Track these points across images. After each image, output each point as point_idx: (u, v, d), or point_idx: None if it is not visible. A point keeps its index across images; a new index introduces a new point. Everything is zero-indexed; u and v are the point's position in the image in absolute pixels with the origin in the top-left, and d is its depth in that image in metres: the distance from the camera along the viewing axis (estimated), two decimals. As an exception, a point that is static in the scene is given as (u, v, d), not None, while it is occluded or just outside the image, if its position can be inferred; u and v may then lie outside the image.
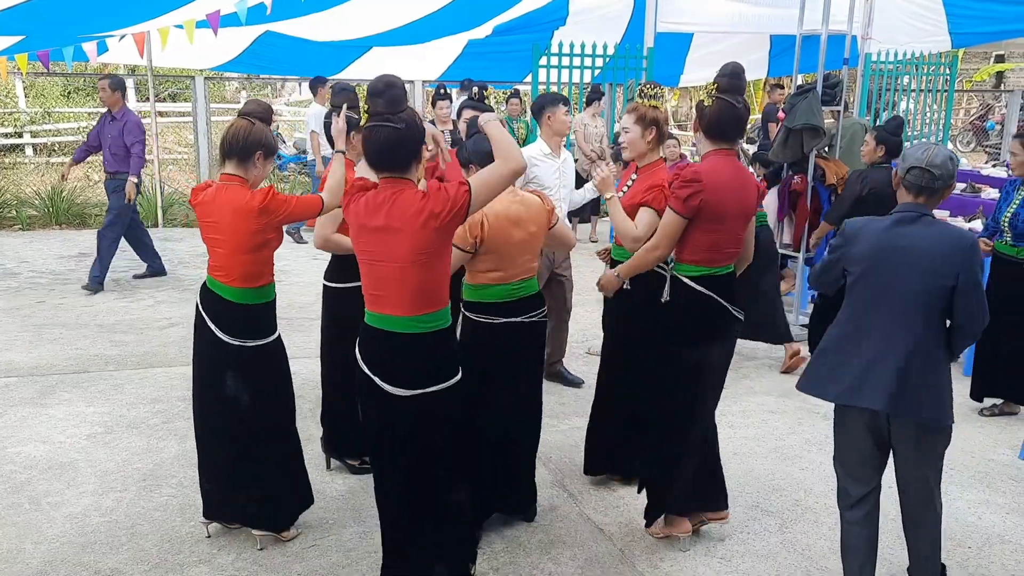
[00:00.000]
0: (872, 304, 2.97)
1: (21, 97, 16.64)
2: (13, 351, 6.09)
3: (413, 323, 2.79)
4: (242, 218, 3.26)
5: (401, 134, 2.73)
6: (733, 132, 3.40)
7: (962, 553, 3.70)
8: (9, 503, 3.94)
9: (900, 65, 10.92)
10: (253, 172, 3.39)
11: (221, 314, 3.40)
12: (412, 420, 2.85)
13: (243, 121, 3.38)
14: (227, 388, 3.43)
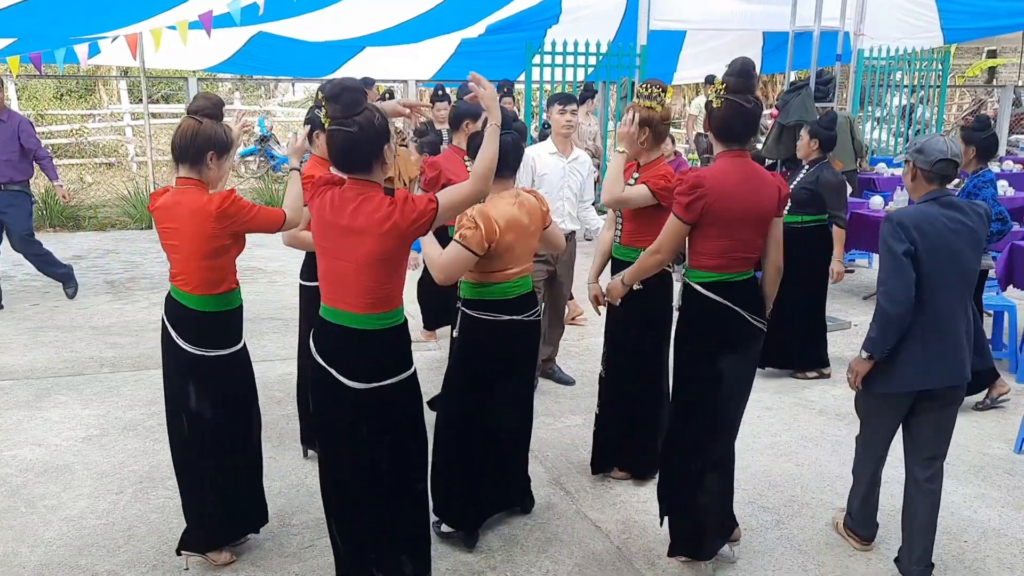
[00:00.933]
0: (938, 287, 3.17)
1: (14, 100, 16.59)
2: (8, 354, 6.08)
3: (367, 320, 2.82)
4: (199, 222, 3.13)
5: (355, 136, 2.74)
6: (744, 133, 3.25)
7: (958, 547, 3.71)
8: (5, 506, 3.94)
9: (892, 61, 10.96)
10: (208, 173, 3.23)
11: (183, 322, 3.27)
12: (369, 412, 2.87)
13: (190, 121, 3.21)
14: (190, 399, 3.31)
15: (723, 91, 3.22)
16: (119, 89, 17.99)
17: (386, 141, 2.82)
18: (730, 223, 3.20)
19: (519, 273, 3.52)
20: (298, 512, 3.91)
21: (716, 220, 3.19)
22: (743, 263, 3.30)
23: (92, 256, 9.42)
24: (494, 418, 3.58)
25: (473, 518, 3.66)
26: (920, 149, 3.23)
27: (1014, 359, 5.94)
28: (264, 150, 15.46)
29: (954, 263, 3.17)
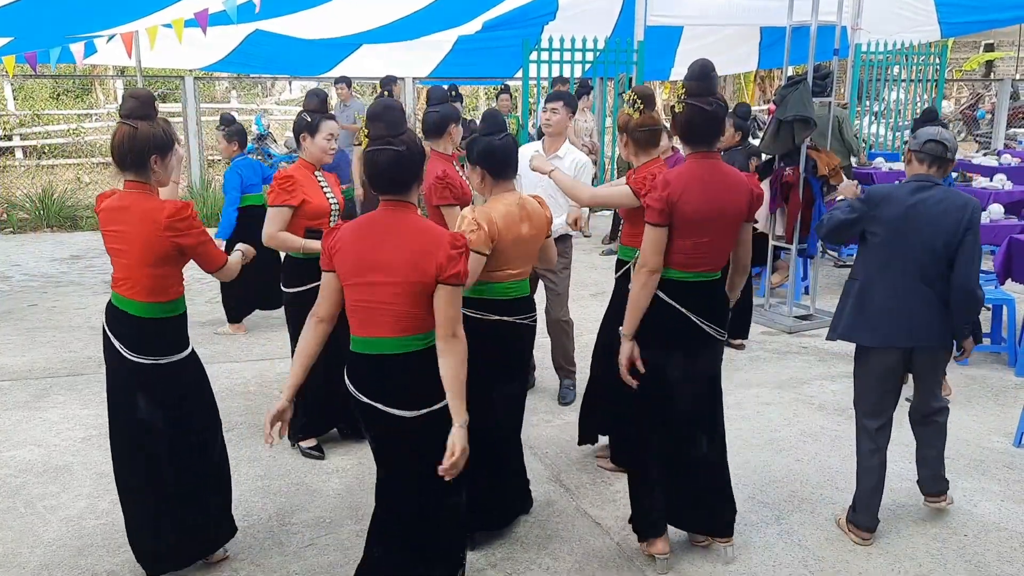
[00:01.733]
0: (892, 260, 3.53)
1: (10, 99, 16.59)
2: (6, 355, 6.07)
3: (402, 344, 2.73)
4: (147, 228, 3.02)
5: (403, 156, 2.69)
6: (708, 135, 3.26)
7: (958, 541, 3.71)
8: (4, 507, 3.93)
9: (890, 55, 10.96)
10: (155, 176, 3.10)
11: (126, 331, 3.14)
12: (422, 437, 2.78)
13: (124, 127, 3.05)
14: (139, 411, 3.17)
15: (683, 95, 3.26)
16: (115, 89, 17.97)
17: (424, 162, 2.80)
18: (694, 223, 3.20)
19: (516, 276, 3.50)
20: (298, 511, 3.91)
21: (682, 220, 3.20)
22: (708, 264, 3.30)
23: (90, 256, 9.41)
24: (488, 419, 3.56)
25: (473, 522, 3.63)
26: (916, 134, 3.61)
27: (1013, 353, 5.94)
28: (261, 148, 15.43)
29: (913, 240, 3.48)
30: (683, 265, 3.27)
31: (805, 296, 7.54)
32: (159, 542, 3.28)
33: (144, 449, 3.21)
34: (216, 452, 3.39)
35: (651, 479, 3.48)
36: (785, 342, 6.51)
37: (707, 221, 3.22)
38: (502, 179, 3.48)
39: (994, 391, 5.49)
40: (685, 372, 3.36)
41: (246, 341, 6.32)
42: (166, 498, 3.24)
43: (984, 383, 5.64)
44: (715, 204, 3.22)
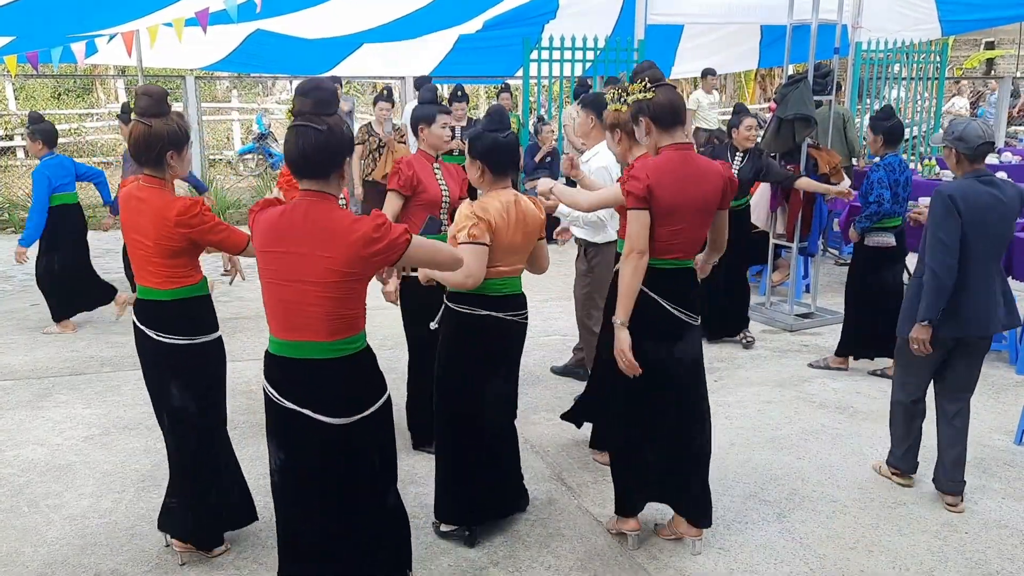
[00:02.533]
0: (973, 251, 3.71)
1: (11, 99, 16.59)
2: (9, 354, 6.08)
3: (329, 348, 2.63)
4: (158, 224, 3.13)
5: (322, 136, 2.53)
6: (683, 115, 3.38)
7: (958, 539, 3.72)
8: (8, 506, 3.94)
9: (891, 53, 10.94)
10: (172, 170, 3.22)
11: (153, 315, 3.24)
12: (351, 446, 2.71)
13: (139, 125, 3.15)
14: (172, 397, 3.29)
15: (649, 83, 3.34)
16: (116, 88, 17.97)
17: (350, 155, 2.65)
18: (670, 211, 3.29)
19: (508, 272, 3.51)
20: (300, 509, 3.92)
21: (657, 208, 3.27)
22: (681, 252, 3.39)
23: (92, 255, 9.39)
24: (481, 415, 3.58)
25: (470, 516, 3.65)
26: (962, 134, 3.73)
27: (1014, 351, 5.94)
28: (262, 148, 15.45)
29: (989, 230, 3.71)
30: (658, 252, 3.35)
31: (806, 294, 7.54)
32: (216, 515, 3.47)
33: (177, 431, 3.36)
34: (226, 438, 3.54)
35: (630, 460, 3.58)
36: (786, 340, 6.52)
37: (681, 209, 3.30)
38: (501, 176, 3.49)
39: (995, 389, 5.50)
40: (662, 358, 3.43)
41: (247, 340, 6.32)
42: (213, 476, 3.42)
43: (985, 381, 5.61)
44: (689, 193, 3.31)
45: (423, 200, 4.21)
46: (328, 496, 2.75)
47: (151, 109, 3.14)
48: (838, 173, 6.65)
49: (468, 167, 3.56)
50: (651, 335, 3.40)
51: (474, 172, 3.52)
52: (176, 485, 3.46)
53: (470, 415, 3.56)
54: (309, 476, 2.73)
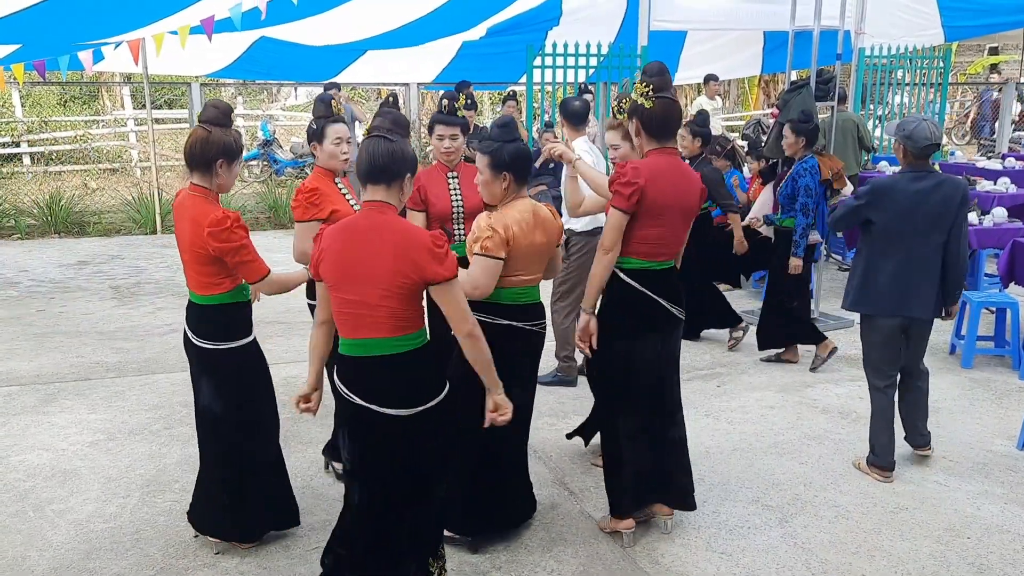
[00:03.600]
0: (895, 242, 4.06)
1: (18, 106, 16.66)
2: (15, 360, 6.11)
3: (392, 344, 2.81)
4: (195, 230, 3.27)
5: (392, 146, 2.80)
6: (676, 127, 3.52)
7: (961, 544, 3.72)
8: (14, 511, 3.97)
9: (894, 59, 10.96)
10: (218, 180, 3.36)
11: (192, 318, 3.44)
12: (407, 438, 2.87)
13: (200, 130, 3.32)
14: (203, 396, 3.47)
15: (651, 92, 3.41)
16: (122, 95, 18.05)
17: (412, 173, 2.87)
18: (661, 213, 3.43)
19: (528, 281, 3.52)
20: (305, 514, 3.92)
21: (648, 209, 3.41)
22: (668, 253, 3.56)
23: (97, 261, 9.46)
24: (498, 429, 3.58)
25: (477, 527, 3.65)
26: (911, 134, 4.01)
27: (1017, 356, 5.94)
28: (267, 154, 15.49)
29: (913, 224, 4.03)
30: (648, 255, 3.51)
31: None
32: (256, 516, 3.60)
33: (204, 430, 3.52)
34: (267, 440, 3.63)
35: (623, 462, 3.65)
36: (789, 346, 6.51)
37: (670, 211, 3.45)
38: (523, 185, 3.49)
39: (997, 394, 5.50)
40: (658, 354, 3.61)
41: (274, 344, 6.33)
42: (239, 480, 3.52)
43: (988, 386, 5.64)
44: (676, 196, 3.47)
45: (432, 213, 4.24)
46: (390, 485, 2.90)
47: (215, 119, 3.32)
48: (840, 179, 6.65)
49: (489, 182, 3.45)
50: (653, 332, 3.57)
51: (498, 185, 3.43)
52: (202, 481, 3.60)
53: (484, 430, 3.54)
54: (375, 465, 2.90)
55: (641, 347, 3.55)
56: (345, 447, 2.94)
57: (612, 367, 3.63)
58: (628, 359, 3.57)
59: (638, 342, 3.55)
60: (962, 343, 6.07)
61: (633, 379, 3.59)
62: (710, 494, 4.13)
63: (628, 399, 3.63)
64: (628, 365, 3.58)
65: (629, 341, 3.56)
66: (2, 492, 4.15)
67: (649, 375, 3.61)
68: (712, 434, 4.85)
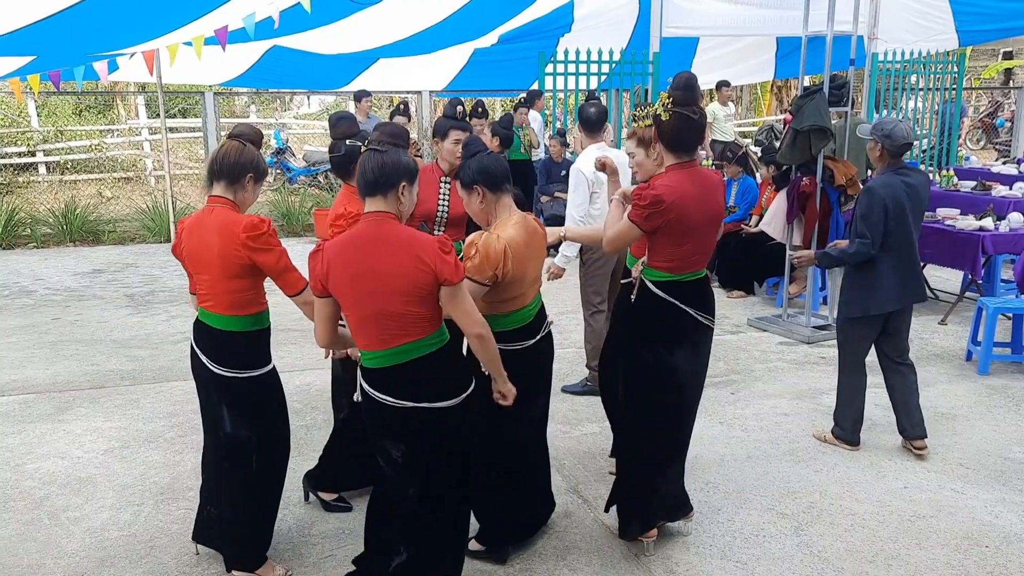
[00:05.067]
0: (894, 238, 4.35)
1: (34, 116, 16.81)
2: (30, 368, 6.15)
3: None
4: (225, 240, 3.13)
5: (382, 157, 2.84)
6: (694, 143, 3.44)
7: (979, 552, 3.69)
8: (29, 518, 3.98)
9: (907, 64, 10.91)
10: (242, 195, 3.27)
11: (211, 344, 3.26)
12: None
13: (234, 142, 3.27)
14: (225, 424, 3.31)
15: (670, 104, 3.37)
16: (137, 104, 18.17)
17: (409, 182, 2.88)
18: (688, 231, 3.40)
19: (533, 295, 3.52)
20: (317, 522, 3.94)
21: (675, 231, 3.38)
22: (697, 264, 3.52)
23: (111, 270, 9.52)
24: (516, 437, 3.57)
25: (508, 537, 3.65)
26: (890, 133, 4.36)
27: (1034, 362, 5.89)
28: (280, 163, 15.56)
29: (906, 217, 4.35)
30: (678, 269, 3.49)
31: (823, 306, 7.52)
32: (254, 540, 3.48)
33: (231, 460, 3.36)
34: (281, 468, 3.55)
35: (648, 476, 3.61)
36: (803, 352, 6.49)
37: (697, 227, 3.42)
38: (499, 192, 3.39)
39: (1015, 401, 5.45)
40: (692, 366, 3.58)
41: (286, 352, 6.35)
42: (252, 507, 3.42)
43: (1005, 393, 5.59)
44: (702, 210, 3.43)
45: (416, 212, 4.10)
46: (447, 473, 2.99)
47: (250, 136, 3.31)
48: (854, 184, 6.62)
49: (468, 203, 3.45)
50: (680, 342, 3.52)
51: (474, 202, 3.41)
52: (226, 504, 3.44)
53: (506, 439, 3.54)
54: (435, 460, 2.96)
55: (666, 356, 3.50)
56: (397, 453, 2.93)
57: (642, 378, 3.56)
58: (659, 369, 3.51)
59: (665, 351, 3.50)
60: (979, 349, 6.02)
61: (670, 393, 3.53)
62: (724, 502, 4.10)
63: (656, 414, 3.55)
64: (659, 376, 3.52)
65: (657, 350, 3.51)
66: (18, 499, 4.17)
67: (679, 385, 3.55)
68: (726, 442, 4.82)
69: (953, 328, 7.07)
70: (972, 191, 8.97)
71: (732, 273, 8.27)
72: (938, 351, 6.48)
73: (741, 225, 8.36)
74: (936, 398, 5.47)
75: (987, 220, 7.22)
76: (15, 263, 9.89)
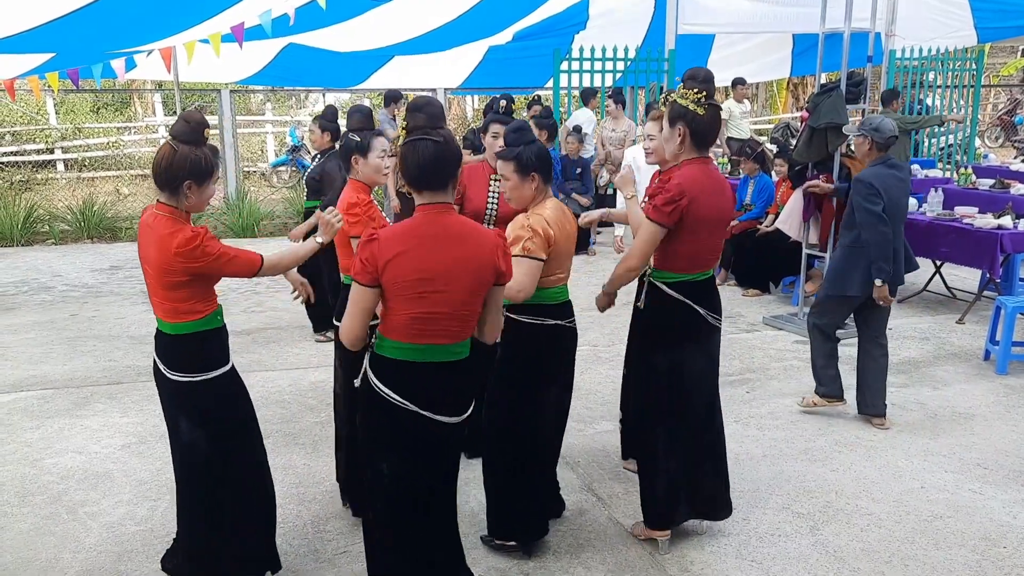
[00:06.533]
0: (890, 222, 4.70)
1: (52, 114, 16.94)
2: (48, 363, 6.20)
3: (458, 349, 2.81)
4: (162, 253, 2.95)
5: (441, 148, 2.67)
6: (716, 139, 3.54)
7: (997, 553, 3.66)
8: (47, 513, 4.02)
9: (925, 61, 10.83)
10: (187, 202, 3.00)
11: (162, 348, 3.12)
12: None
13: (167, 147, 2.98)
14: (181, 433, 3.13)
15: (704, 99, 3.38)
16: (153, 102, 18.29)
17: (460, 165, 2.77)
18: (699, 228, 3.42)
19: (564, 279, 3.56)
20: (332, 518, 3.95)
21: (688, 225, 3.39)
22: (706, 263, 3.56)
23: (129, 267, 9.58)
24: (540, 427, 3.59)
25: (528, 531, 3.65)
26: (878, 127, 4.75)
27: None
28: (295, 160, 15.61)
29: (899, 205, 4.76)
30: (687, 268, 3.50)
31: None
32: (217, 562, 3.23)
33: (193, 469, 3.17)
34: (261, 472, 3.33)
35: (669, 477, 3.62)
36: (819, 351, 6.45)
37: (708, 226, 3.45)
38: (549, 183, 3.51)
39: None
40: (702, 365, 3.61)
41: (280, 350, 6.40)
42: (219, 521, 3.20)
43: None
44: (715, 208, 3.46)
45: (466, 209, 4.19)
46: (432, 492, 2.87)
47: (183, 135, 2.97)
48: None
49: (518, 186, 3.43)
50: (695, 341, 3.55)
51: (527, 188, 3.41)
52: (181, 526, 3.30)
53: (529, 429, 3.56)
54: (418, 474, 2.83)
55: (681, 356, 3.53)
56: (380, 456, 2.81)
57: (655, 377, 3.58)
58: (671, 369, 3.54)
59: (680, 352, 3.53)
60: (997, 349, 5.97)
61: (682, 390, 3.56)
62: (740, 501, 4.09)
63: (669, 409, 3.59)
64: (671, 375, 3.54)
65: (672, 351, 3.54)
66: (36, 494, 4.20)
67: (692, 384, 3.58)
68: (741, 440, 4.80)
69: (971, 327, 7.01)
70: (990, 189, 8.90)
71: (748, 271, 8.24)
72: (956, 350, 6.43)
73: (757, 224, 8.32)
74: (954, 398, 5.44)
75: (1006, 218, 7.15)
76: (34, 259, 9.98)
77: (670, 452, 3.60)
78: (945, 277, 7.97)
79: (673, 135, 3.45)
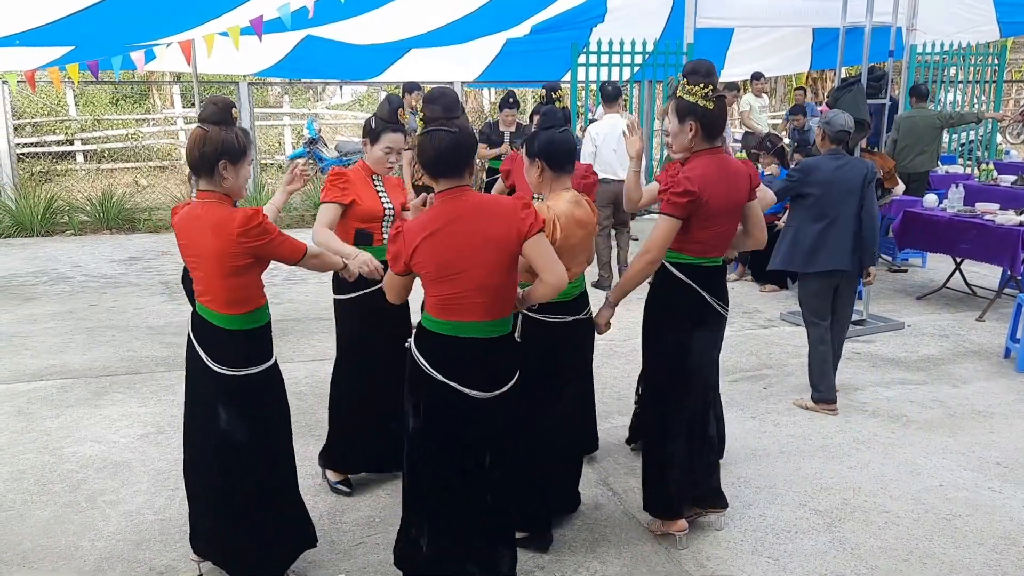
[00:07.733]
0: (823, 212, 5.03)
1: (72, 105, 17.06)
2: (68, 353, 6.25)
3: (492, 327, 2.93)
4: (221, 238, 2.94)
5: (458, 138, 2.81)
6: (724, 128, 3.55)
7: (1016, 552, 3.63)
8: (67, 501, 4.05)
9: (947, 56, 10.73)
10: (226, 184, 3.02)
11: (210, 341, 3.10)
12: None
13: (197, 130, 3.01)
14: (220, 421, 3.12)
15: (712, 93, 3.40)
16: (172, 94, 18.38)
17: (475, 153, 2.92)
18: (711, 217, 3.45)
19: (576, 274, 3.55)
20: (348, 510, 3.97)
21: (700, 214, 3.42)
22: (716, 250, 3.57)
23: (147, 257, 9.65)
24: (560, 420, 3.60)
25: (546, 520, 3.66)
26: (829, 121, 5.08)
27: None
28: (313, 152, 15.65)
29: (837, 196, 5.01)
30: (700, 253, 3.52)
31: (858, 301, 7.41)
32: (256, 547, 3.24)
33: (223, 459, 3.16)
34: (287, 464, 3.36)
35: (671, 460, 3.63)
36: (837, 348, 6.41)
37: (719, 214, 3.47)
38: (559, 173, 3.50)
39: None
40: (706, 350, 3.63)
41: (297, 342, 6.42)
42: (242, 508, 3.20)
43: (1045, 391, 5.50)
44: (728, 197, 3.48)
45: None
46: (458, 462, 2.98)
47: (214, 116, 3.01)
48: (892, 177, 6.53)
49: (527, 169, 3.58)
50: (700, 327, 3.57)
51: (533, 172, 3.53)
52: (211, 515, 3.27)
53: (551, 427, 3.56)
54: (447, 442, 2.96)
55: (688, 340, 3.56)
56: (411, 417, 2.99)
57: (664, 360, 3.61)
58: (679, 352, 3.56)
59: (687, 336, 3.55)
60: (1017, 347, 5.92)
61: (684, 373, 3.57)
62: (756, 497, 4.08)
63: (678, 394, 3.60)
64: (679, 358, 3.56)
65: (679, 334, 3.56)
66: (56, 483, 4.24)
67: (698, 369, 3.60)
68: (758, 436, 4.78)
69: (991, 324, 6.95)
70: (1012, 186, 8.81)
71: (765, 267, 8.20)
72: (975, 348, 6.38)
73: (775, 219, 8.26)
74: (973, 395, 5.39)
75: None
76: (53, 250, 10.06)
77: (675, 436, 3.62)
78: (965, 274, 7.90)
79: (684, 130, 3.47)
